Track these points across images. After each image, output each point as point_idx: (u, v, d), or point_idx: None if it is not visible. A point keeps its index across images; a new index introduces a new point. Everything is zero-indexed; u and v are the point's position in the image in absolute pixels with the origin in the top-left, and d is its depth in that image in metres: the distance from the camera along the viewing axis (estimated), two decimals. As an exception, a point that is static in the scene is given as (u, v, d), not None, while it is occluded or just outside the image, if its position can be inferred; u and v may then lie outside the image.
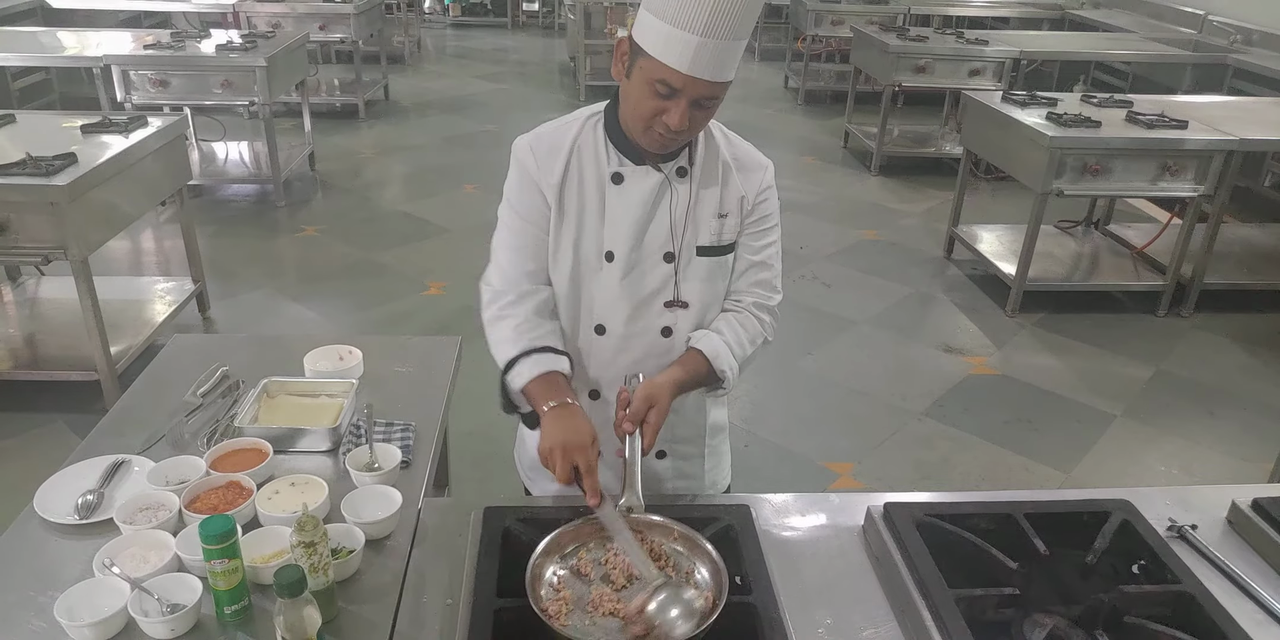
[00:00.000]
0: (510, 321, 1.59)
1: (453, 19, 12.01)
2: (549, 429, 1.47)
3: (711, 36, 1.36)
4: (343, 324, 4.25)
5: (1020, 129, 4.34)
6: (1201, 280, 4.54)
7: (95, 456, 1.73)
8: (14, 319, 3.86)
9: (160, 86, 5.10)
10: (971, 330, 4.41)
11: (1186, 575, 1.42)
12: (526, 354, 1.55)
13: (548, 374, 1.53)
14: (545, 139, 1.59)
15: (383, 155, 6.71)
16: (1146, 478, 3.37)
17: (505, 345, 1.58)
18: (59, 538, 1.55)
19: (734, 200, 1.62)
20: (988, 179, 6.30)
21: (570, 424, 1.47)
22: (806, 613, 1.43)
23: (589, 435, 1.47)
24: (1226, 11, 6.53)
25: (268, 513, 1.55)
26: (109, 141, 3.48)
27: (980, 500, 1.67)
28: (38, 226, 3.10)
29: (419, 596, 1.45)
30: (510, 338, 1.58)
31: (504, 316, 1.60)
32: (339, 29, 7.10)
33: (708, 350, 1.59)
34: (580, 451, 1.44)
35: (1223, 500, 1.69)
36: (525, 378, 1.53)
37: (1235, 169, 4.26)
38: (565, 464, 1.43)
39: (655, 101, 1.43)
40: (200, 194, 5.66)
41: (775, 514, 1.67)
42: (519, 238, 1.61)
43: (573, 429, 1.46)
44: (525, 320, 1.59)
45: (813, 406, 3.77)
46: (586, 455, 1.44)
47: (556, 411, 1.49)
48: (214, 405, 1.93)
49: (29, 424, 3.37)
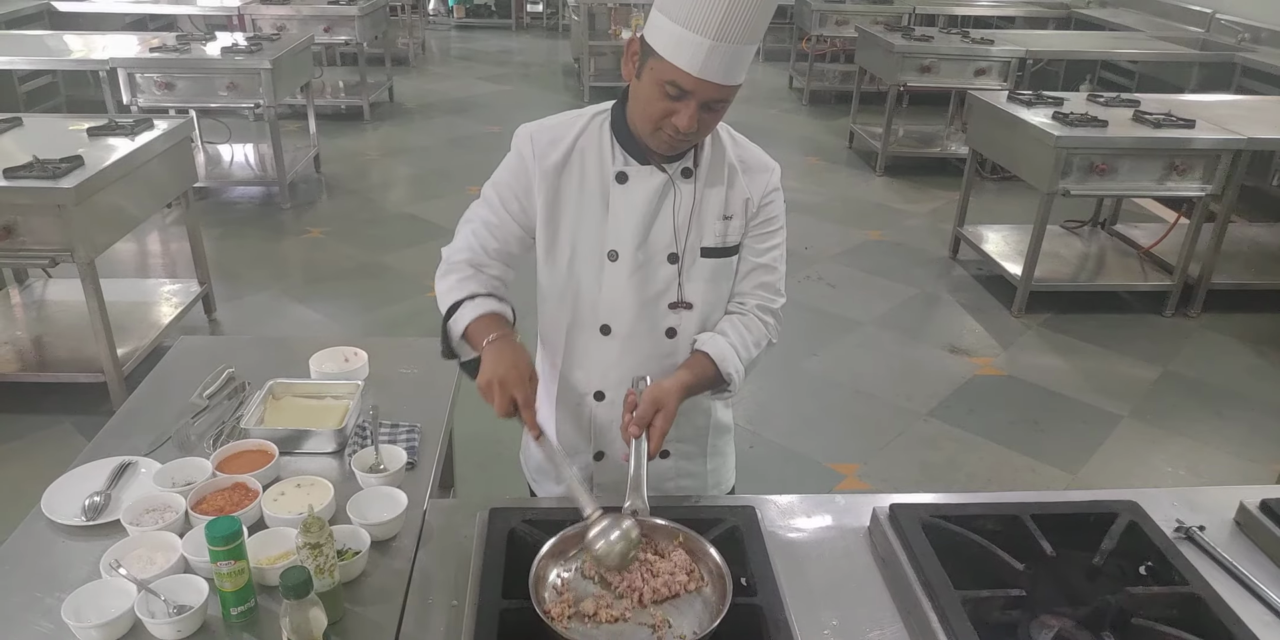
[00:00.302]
0: (457, 275, 1.61)
1: (457, 21, 12.03)
2: (488, 362, 1.47)
3: (724, 40, 1.35)
4: (348, 325, 4.26)
5: (1026, 129, 4.33)
6: (1209, 280, 4.53)
7: (102, 458, 1.74)
8: (21, 321, 3.87)
9: (166, 89, 5.12)
10: (977, 331, 4.40)
11: (1194, 577, 1.41)
12: (470, 298, 1.56)
13: (488, 314, 1.54)
14: (548, 130, 1.59)
15: (387, 157, 6.72)
16: (1153, 479, 3.36)
17: (449, 294, 1.59)
18: (66, 539, 1.55)
19: (739, 202, 1.61)
20: (993, 179, 6.29)
21: (510, 357, 1.47)
22: (812, 614, 1.42)
23: (527, 368, 1.47)
24: (1234, 10, 6.50)
25: (273, 514, 1.56)
26: (115, 144, 3.49)
27: (986, 501, 1.67)
28: (45, 229, 3.11)
29: (424, 598, 1.45)
30: (455, 287, 1.59)
31: (451, 272, 1.62)
32: (344, 31, 7.11)
33: (714, 353, 1.59)
34: (519, 384, 1.44)
35: (1230, 501, 1.68)
36: (466, 319, 1.54)
37: (1243, 168, 4.24)
38: (505, 397, 1.43)
39: (665, 103, 1.42)
40: (206, 196, 5.68)
41: (780, 515, 1.66)
42: (493, 215, 1.62)
43: (512, 362, 1.46)
44: (473, 275, 1.61)
45: (818, 407, 3.76)
46: (525, 388, 1.44)
47: (496, 345, 1.49)
48: (220, 407, 1.94)
49: (36, 426, 3.38)
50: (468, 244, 1.63)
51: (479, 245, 1.62)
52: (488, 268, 1.62)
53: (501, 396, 1.43)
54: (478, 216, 1.64)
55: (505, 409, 1.44)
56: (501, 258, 1.63)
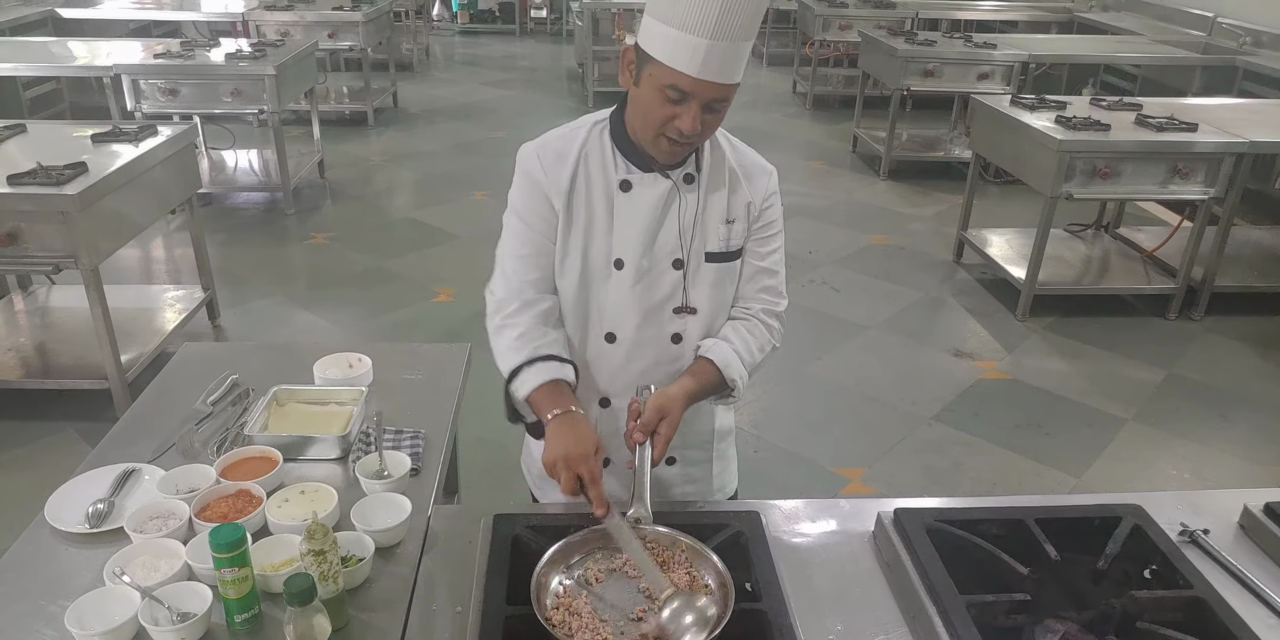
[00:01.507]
0: (514, 331, 1.58)
1: (461, 26, 12.06)
2: (553, 439, 1.47)
3: (720, 39, 1.36)
4: (352, 331, 4.26)
5: (1029, 132, 4.33)
6: (1212, 283, 4.52)
7: (106, 465, 1.74)
8: (25, 328, 3.88)
9: (170, 95, 5.14)
10: (981, 334, 4.40)
11: (1198, 580, 1.41)
12: (530, 363, 1.54)
13: (552, 382, 1.53)
14: (551, 146, 1.59)
15: (392, 162, 6.73)
16: (1158, 482, 3.35)
17: (509, 354, 1.57)
18: (70, 547, 1.55)
19: (741, 206, 1.62)
20: (997, 183, 6.28)
21: (574, 433, 1.46)
22: (817, 619, 1.42)
23: (593, 444, 1.46)
24: (1235, 13, 6.50)
25: (277, 521, 1.56)
26: (119, 150, 3.50)
27: (991, 505, 1.67)
28: (48, 235, 3.12)
29: (429, 604, 1.45)
30: (514, 346, 1.57)
31: (508, 325, 1.59)
32: (348, 37, 7.13)
33: (718, 359, 1.59)
34: (584, 461, 1.43)
35: (1234, 504, 1.68)
36: (529, 387, 1.53)
37: (1246, 171, 4.24)
38: (570, 475, 1.42)
39: (666, 107, 1.42)
40: (210, 202, 5.69)
41: (785, 520, 1.66)
42: (525, 246, 1.60)
43: (576, 438, 1.45)
44: (529, 329, 1.58)
45: (822, 412, 3.76)
46: (590, 465, 1.43)
47: (560, 420, 1.48)
48: (224, 413, 1.94)
49: (40, 433, 3.38)
50: (509, 286, 1.61)
51: (522, 284, 1.61)
52: (539, 304, 1.60)
53: (568, 475, 1.42)
54: (509, 253, 1.63)
55: (571, 488, 1.43)
56: (546, 287, 1.62)
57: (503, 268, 1.64)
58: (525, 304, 1.60)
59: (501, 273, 1.64)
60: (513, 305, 1.60)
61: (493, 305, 1.64)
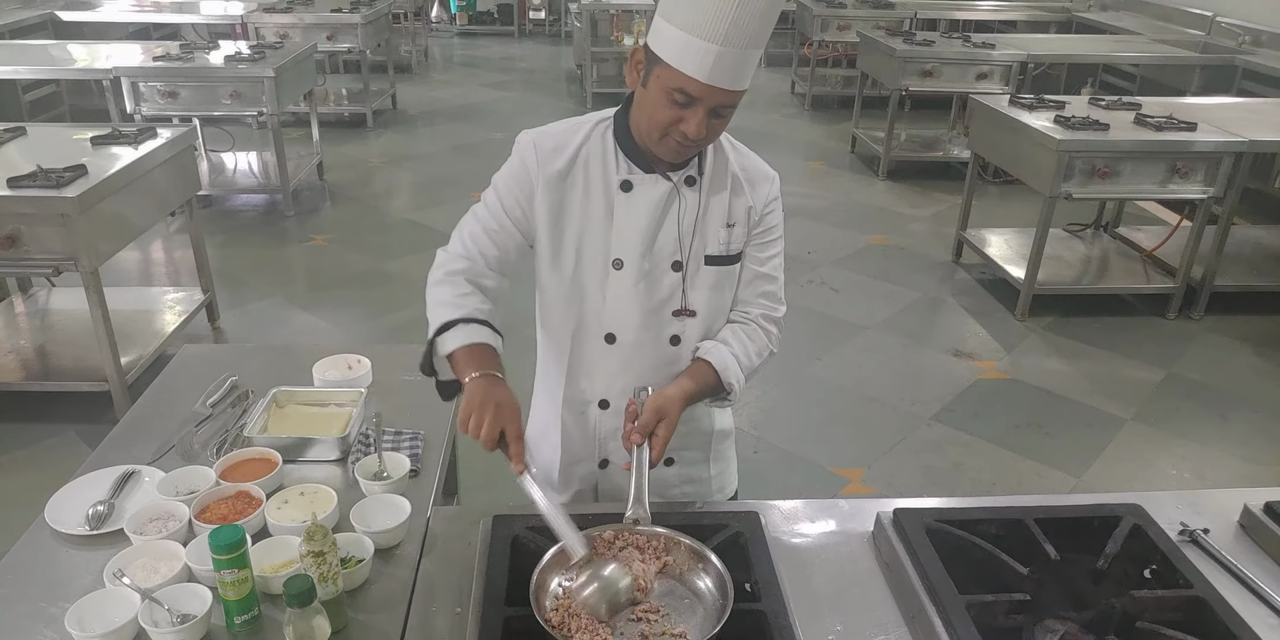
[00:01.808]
0: (455, 289, 1.55)
1: (459, 28, 12.06)
2: (473, 395, 1.43)
3: (731, 46, 1.35)
4: (352, 333, 4.26)
5: (1028, 132, 4.33)
6: (1212, 282, 4.52)
7: (105, 467, 1.74)
8: (25, 330, 3.88)
9: (169, 98, 5.14)
10: (981, 334, 4.40)
11: (1198, 580, 1.41)
12: (465, 321, 1.50)
13: (479, 345, 1.49)
14: (551, 137, 1.58)
15: (391, 164, 6.73)
16: (1157, 481, 3.35)
17: (444, 308, 1.53)
18: (70, 548, 1.55)
19: (742, 210, 1.61)
20: (996, 183, 6.28)
21: (497, 392, 1.43)
22: (817, 620, 1.42)
23: (515, 406, 1.43)
24: (1234, 13, 6.51)
25: (277, 522, 1.56)
26: (119, 153, 3.50)
27: (990, 505, 1.67)
28: (48, 238, 3.13)
29: (428, 605, 1.45)
30: (451, 301, 1.53)
31: (449, 282, 1.57)
32: (346, 39, 7.13)
33: (716, 363, 1.59)
34: (509, 417, 1.40)
35: (1234, 504, 1.68)
36: (455, 343, 1.49)
37: (1245, 170, 4.24)
38: (492, 427, 1.39)
39: (672, 110, 1.42)
40: (209, 204, 5.69)
41: (785, 520, 1.66)
42: (494, 221, 1.59)
43: (499, 396, 1.42)
44: (471, 292, 1.55)
45: (822, 412, 3.76)
46: (515, 422, 1.41)
47: (481, 381, 1.44)
48: (223, 415, 1.94)
49: (40, 435, 3.38)
50: (466, 251, 1.60)
51: (477, 252, 1.60)
52: (484, 279, 1.59)
53: (491, 426, 1.39)
54: (477, 220, 1.62)
55: (493, 438, 1.39)
56: (499, 266, 1.61)
57: (463, 234, 1.62)
58: (473, 268, 1.58)
59: (460, 235, 1.62)
60: (461, 263, 1.58)
61: (441, 258, 1.61)
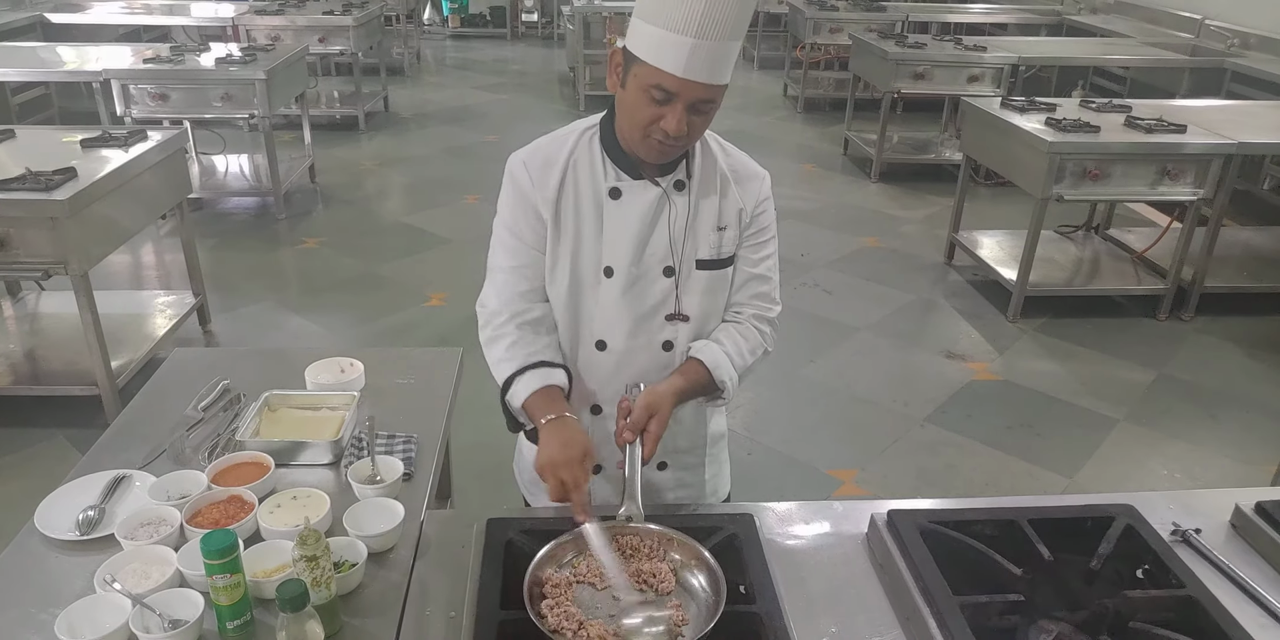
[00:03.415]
0: (505, 341, 1.59)
1: (452, 30, 12.04)
2: (543, 444, 1.47)
3: (705, 38, 1.36)
4: (344, 336, 4.25)
5: (1019, 134, 4.34)
6: (1202, 284, 4.54)
7: (96, 471, 1.73)
8: (14, 334, 3.86)
9: (160, 100, 5.12)
10: (973, 336, 4.41)
11: (1190, 579, 1.41)
12: (522, 371, 1.55)
13: (544, 389, 1.53)
14: (539, 154, 1.59)
15: (383, 167, 6.72)
16: (1150, 482, 3.36)
17: (502, 365, 1.58)
18: (60, 554, 1.54)
19: (733, 212, 1.61)
20: (988, 185, 6.30)
21: (563, 438, 1.46)
22: (811, 621, 1.42)
23: (581, 449, 1.46)
24: (1224, 16, 6.54)
25: (270, 527, 1.55)
26: (109, 156, 3.48)
27: (984, 506, 1.67)
28: (38, 241, 3.11)
29: (422, 609, 1.44)
30: (506, 357, 1.58)
31: (499, 337, 1.60)
32: (338, 41, 7.12)
33: (709, 360, 1.59)
34: (570, 467, 1.43)
35: (1226, 504, 1.68)
36: (523, 395, 1.54)
37: (1234, 172, 4.26)
38: (556, 481, 1.43)
39: (652, 108, 1.42)
40: (201, 207, 5.67)
41: (779, 522, 1.66)
42: (514, 257, 1.60)
43: (565, 443, 1.45)
44: (520, 338, 1.59)
45: (815, 414, 3.76)
46: (574, 471, 1.43)
47: (551, 425, 1.49)
48: (215, 419, 1.93)
49: (29, 439, 3.36)
50: (501, 299, 1.62)
51: (513, 295, 1.61)
52: (529, 314, 1.61)
53: (555, 480, 1.43)
54: (498, 266, 1.63)
55: (558, 494, 1.44)
56: (537, 297, 1.63)
57: (493, 280, 1.64)
58: (515, 314, 1.60)
59: (492, 284, 1.64)
60: (503, 316, 1.61)
61: (484, 317, 1.64)
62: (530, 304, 1.62)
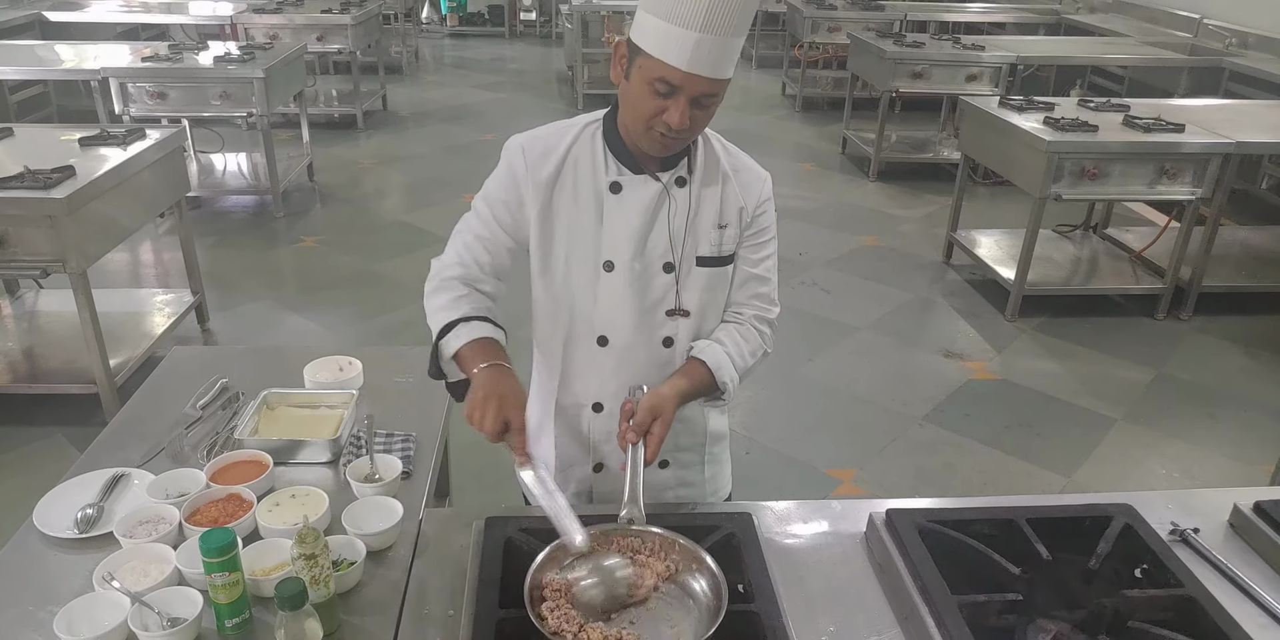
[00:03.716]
0: (452, 294, 1.58)
1: (450, 29, 12.04)
2: (480, 386, 1.45)
3: (710, 32, 1.36)
4: (343, 335, 4.25)
5: (1018, 134, 4.35)
6: (1200, 283, 4.54)
7: (95, 470, 1.73)
8: (12, 332, 3.85)
9: (158, 99, 5.11)
10: (971, 335, 4.41)
11: (1189, 579, 1.41)
12: (466, 320, 1.54)
13: (482, 340, 1.52)
14: (540, 141, 1.59)
15: (381, 165, 6.72)
16: (1148, 481, 3.36)
17: (444, 312, 1.56)
18: (58, 552, 1.54)
19: (733, 211, 1.61)
20: (986, 184, 6.31)
21: (504, 382, 1.45)
22: (810, 620, 1.42)
23: (521, 395, 1.45)
24: (1222, 15, 6.55)
25: (268, 525, 1.55)
26: (107, 154, 3.48)
27: (982, 506, 1.67)
28: (36, 239, 3.10)
29: (421, 608, 1.44)
30: (450, 305, 1.57)
31: (446, 288, 1.60)
32: (336, 40, 7.11)
33: (711, 362, 1.59)
34: (513, 408, 1.42)
35: (1224, 503, 1.68)
36: (460, 341, 1.51)
37: (1232, 172, 4.27)
38: (496, 419, 1.41)
39: (655, 101, 1.43)
40: (199, 205, 5.67)
41: (777, 521, 1.66)
42: (484, 229, 1.61)
43: (506, 387, 1.44)
44: (468, 296, 1.59)
45: (814, 413, 3.76)
46: (519, 413, 1.42)
47: (489, 371, 1.47)
48: (214, 417, 1.93)
49: (28, 438, 3.36)
50: (459, 258, 1.62)
51: (471, 260, 1.61)
52: (480, 284, 1.61)
53: (495, 418, 1.41)
54: (469, 229, 1.63)
55: (496, 430, 1.41)
56: (494, 272, 1.63)
57: (456, 242, 1.65)
58: (469, 279, 1.60)
59: (454, 246, 1.65)
60: (455, 271, 1.61)
61: (435, 269, 1.64)
62: (485, 275, 1.62)
